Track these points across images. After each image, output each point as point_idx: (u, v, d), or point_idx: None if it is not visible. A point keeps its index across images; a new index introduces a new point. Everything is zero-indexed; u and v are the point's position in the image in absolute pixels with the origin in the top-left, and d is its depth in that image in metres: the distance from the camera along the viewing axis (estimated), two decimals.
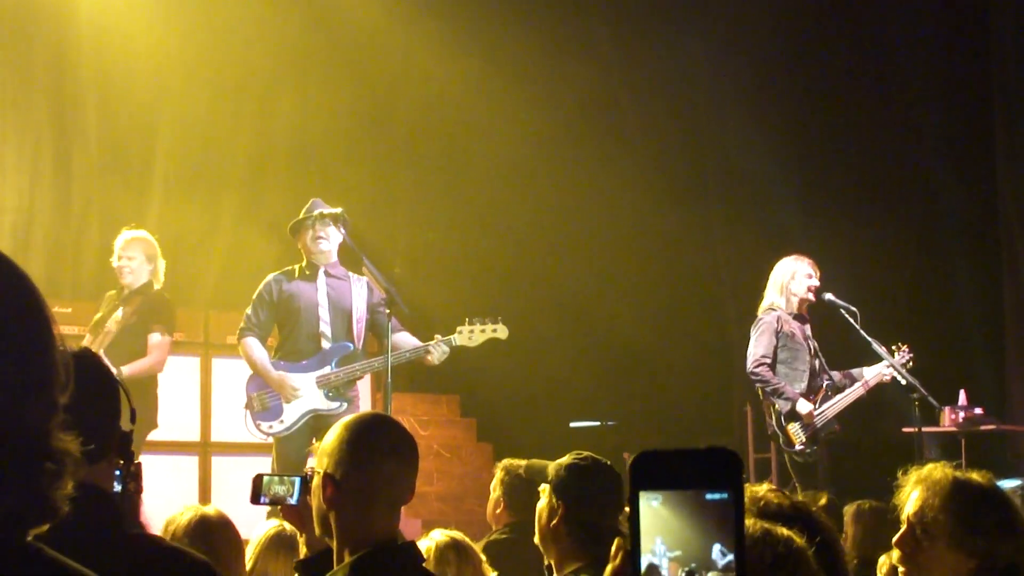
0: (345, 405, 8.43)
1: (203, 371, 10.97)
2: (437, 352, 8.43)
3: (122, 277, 9.23)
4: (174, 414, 10.33)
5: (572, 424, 12.41)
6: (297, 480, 3.85)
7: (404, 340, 8.57)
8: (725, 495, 1.42)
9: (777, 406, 9.11)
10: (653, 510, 1.42)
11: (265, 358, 8.57)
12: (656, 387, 12.91)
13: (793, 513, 2.55)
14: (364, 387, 10.53)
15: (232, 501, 6.92)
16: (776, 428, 9.14)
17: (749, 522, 2.14)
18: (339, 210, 8.47)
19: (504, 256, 12.97)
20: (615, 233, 13.16)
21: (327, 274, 8.68)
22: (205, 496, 10.36)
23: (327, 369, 8.48)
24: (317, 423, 8.25)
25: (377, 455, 3.50)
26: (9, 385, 1.55)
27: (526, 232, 13.02)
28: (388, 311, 8.11)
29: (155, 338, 9.07)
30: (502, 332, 8.61)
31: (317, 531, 3.60)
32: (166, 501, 5.94)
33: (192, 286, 11.40)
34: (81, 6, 11.76)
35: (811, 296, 9.27)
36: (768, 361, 9.15)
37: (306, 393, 8.44)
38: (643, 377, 12.94)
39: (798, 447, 9.07)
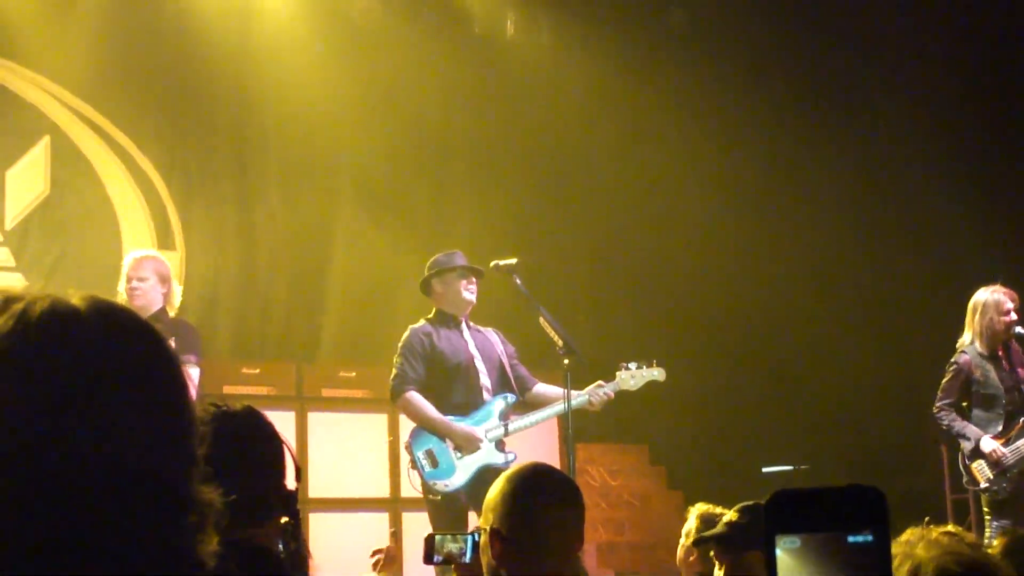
0: (515, 456, 8.26)
1: (391, 427, 10.84)
2: (600, 400, 8.38)
3: (133, 301, 8.43)
4: (366, 471, 10.44)
5: (764, 469, 12.20)
6: (469, 538, 3.81)
7: (550, 391, 8.61)
8: (869, 538, 1.32)
9: (962, 446, 8.98)
10: (791, 554, 1.33)
11: (435, 411, 8.31)
12: (848, 429, 12.66)
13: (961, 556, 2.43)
14: (550, 439, 10.51)
15: (335, 560, 6.91)
16: (962, 467, 9.01)
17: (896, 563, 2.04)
18: (514, 261, 8.46)
19: (694, 302, 12.89)
20: (800, 276, 12.97)
21: (467, 325, 8.63)
22: None
23: (495, 422, 8.39)
24: (484, 477, 7.86)
25: (541, 504, 3.44)
26: (145, 438, 1.54)
27: (714, 278, 12.94)
28: (567, 361, 8.07)
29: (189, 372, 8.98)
30: (660, 375, 8.61)
31: None
32: (359, 562, 5.92)
33: (381, 341, 11.40)
34: (261, 70, 12.02)
35: (1009, 329, 9.00)
36: (951, 406, 9.05)
37: (484, 445, 8.31)
38: (834, 419, 12.70)
39: (983, 485, 8.86)
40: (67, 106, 11.51)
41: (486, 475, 7.85)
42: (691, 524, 6.42)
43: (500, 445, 8.38)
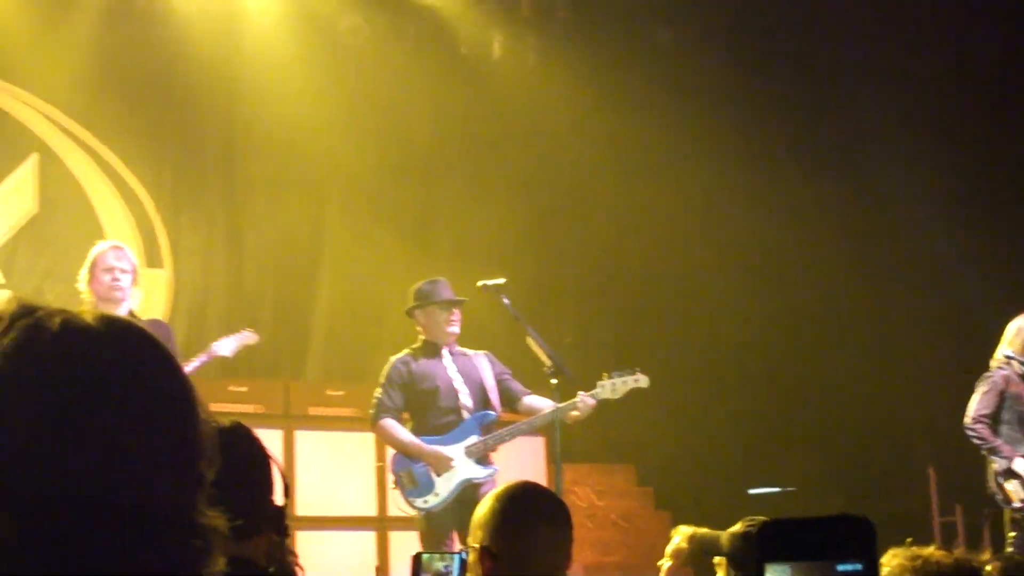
0: (497, 470, 8.50)
1: (379, 446, 10.84)
2: (584, 408, 8.41)
3: (112, 294, 8.14)
4: (354, 489, 10.46)
5: (751, 491, 12.21)
6: (456, 557, 3.80)
7: (539, 402, 8.68)
8: (859, 566, 1.34)
9: (995, 464, 8.97)
10: None
11: (411, 435, 8.58)
12: (836, 451, 12.65)
13: (955, 571, 2.44)
14: (536, 459, 10.51)
15: None
16: (995, 486, 8.98)
17: None
18: (502, 281, 8.50)
19: (682, 322, 12.92)
20: (788, 297, 12.97)
21: (450, 352, 8.81)
22: None
23: (474, 438, 8.57)
24: (466, 493, 8.28)
25: (531, 523, 3.44)
26: (151, 461, 1.53)
27: (701, 297, 12.94)
28: (555, 381, 8.13)
29: None
30: (643, 381, 8.64)
31: None
32: None
33: (369, 362, 11.40)
34: (248, 87, 12.06)
35: None
36: (987, 419, 9.03)
37: (458, 464, 8.49)
38: (822, 441, 12.69)
39: (1016, 504, 8.88)
40: (55, 124, 11.53)
41: (468, 490, 8.33)
42: (677, 545, 6.39)
43: (484, 460, 8.57)
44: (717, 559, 4.17)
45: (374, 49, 12.53)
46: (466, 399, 8.65)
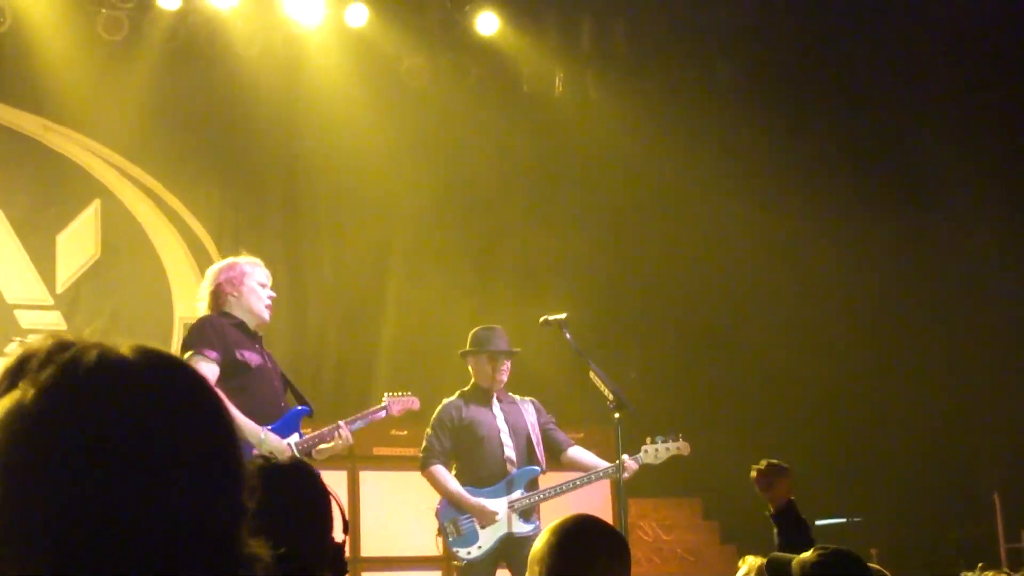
0: (539, 525, 8.65)
1: (350, 484, 10.79)
2: (630, 471, 8.54)
3: (265, 313, 7.88)
4: (418, 529, 10.45)
5: (817, 522, 12.09)
6: None
7: (583, 455, 9.02)
8: None
9: None
10: None
11: (458, 485, 8.74)
12: (901, 480, 12.55)
13: None
14: (602, 494, 10.49)
15: None
16: None
17: None
18: (563, 315, 8.49)
19: (746, 355, 12.87)
20: (852, 330, 12.90)
21: (499, 399, 8.99)
22: None
23: (518, 494, 8.73)
24: (508, 546, 8.56)
25: (589, 557, 3.39)
26: (192, 490, 1.52)
27: (764, 332, 12.88)
28: (617, 415, 8.11)
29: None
30: (685, 449, 8.82)
31: None
32: None
33: (434, 400, 11.40)
34: (310, 129, 12.12)
35: None
36: None
37: (502, 518, 8.65)
38: (887, 470, 12.58)
39: None
40: (117, 169, 11.61)
41: (509, 544, 8.60)
42: (744, 574, 6.34)
43: (527, 514, 8.73)
44: None
45: (436, 88, 12.56)
46: (510, 452, 8.83)
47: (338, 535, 3.23)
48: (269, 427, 7.28)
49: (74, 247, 11.35)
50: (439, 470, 8.80)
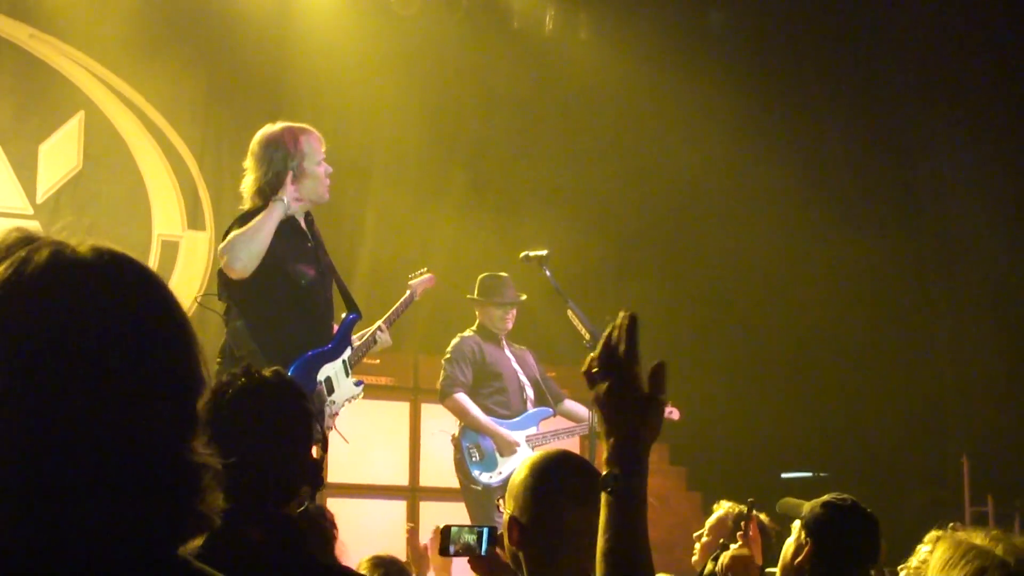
0: None
1: (412, 416, 10.97)
2: None
3: (325, 194, 7.05)
4: (385, 458, 10.51)
5: (784, 475, 12.16)
6: (484, 530, 3.77)
7: (576, 408, 9.49)
8: None
9: None
10: None
11: (481, 412, 9.04)
12: (870, 438, 12.62)
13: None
14: (571, 436, 10.54)
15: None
16: None
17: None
18: (544, 252, 8.47)
19: (723, 306, 12.90)
20: (828, 287, 12.93)
21: (508, 343, 9.38)
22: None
23: (534, 430, 9.17)
24: None
25: (559, 503, 3.32)
26: (142, 403, 1.51)
27: (743, 282, 12.93)
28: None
29: None
30: (674, 414, 9.22)
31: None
32: (374, 546, 5.88)
33: (401, 331, 11.40)
34: (297, 55, 12.05)
35: None
36: None
37: (522, 449, 8.99)
38: (857, 428, 12.66)
39: None
40: (103, 81, 11.53)
41: None
42: (718, 517, 6.33)
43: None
44: (795, 523, 4.17)
45: (425, 19, 12.48)
46: (529, 391, 9.24)
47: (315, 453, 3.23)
48: (328, 346, 6.76)
49: (56, 158, 11.28)
50: (462, 397, 9.07)
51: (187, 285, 11.13)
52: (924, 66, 13.10)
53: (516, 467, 8.24)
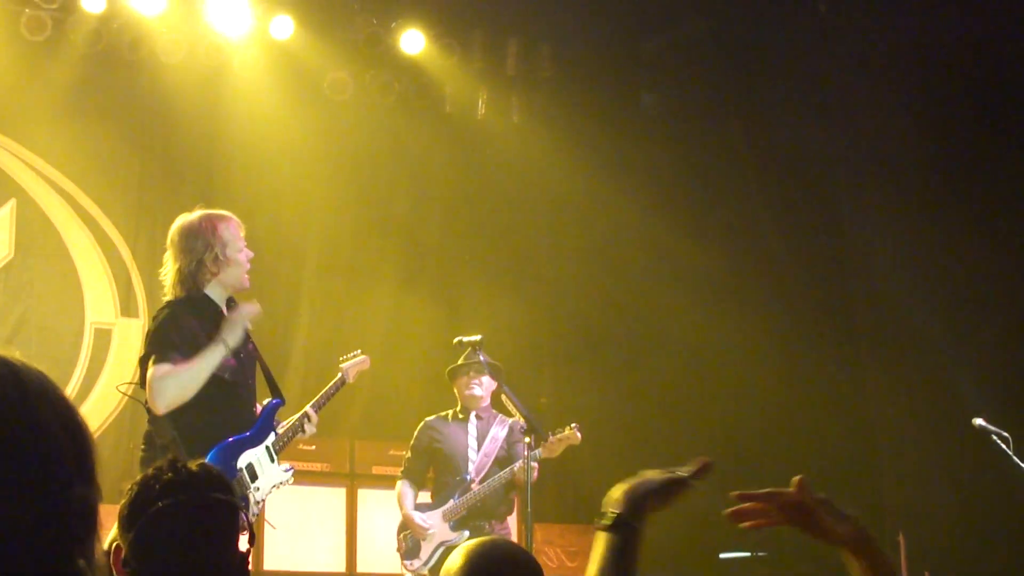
0: (467, 533, 8.82)
1: (348, 501, 10.91)
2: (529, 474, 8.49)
3: (245, 281, 6.82)
4: (322, 544, 10.43)
5: (722, 555, 12.14)
6: None
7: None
8: None
9: None
10: None
11: (408, 502, 9.12)
12: None
13: None
14: (508, 519, 10.49)
15: None
16: None
17: None
18: (478, 337, 8.48)
19: (654, 382, 12.92)
20: (764, 361, 12.98)
21: (478, 417, 9.25)
22: None
23: (451, 503, 9.02)
24: (445, 556, 8.40)
25: None
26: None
27: (675, 359, 12.96)
28: (528, 440, 8.16)
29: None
30: (573, 436, 8.83)
31: None
32: None
33: (338, 416, 11.36)
34: (230, 140, 12.05)
35: None
36: None
37: (436, 529, 8.99)
38: None
39: None
40: (34, 169, 11.48)
41: (446, 554, 8.34)
42: None
43: (459, 524, 9.04)
44: None
45: (358, 104, 12.52)
46: (473, 467, 9.11)
47: (243, 545, 3.19)
48: (248, 432, 6.60)
49: None
50: (402, 488, 9.19)
51: (120, 373, 11.04)
52: (855, 139, 13.22)
53: (451, 552, 8.22)
